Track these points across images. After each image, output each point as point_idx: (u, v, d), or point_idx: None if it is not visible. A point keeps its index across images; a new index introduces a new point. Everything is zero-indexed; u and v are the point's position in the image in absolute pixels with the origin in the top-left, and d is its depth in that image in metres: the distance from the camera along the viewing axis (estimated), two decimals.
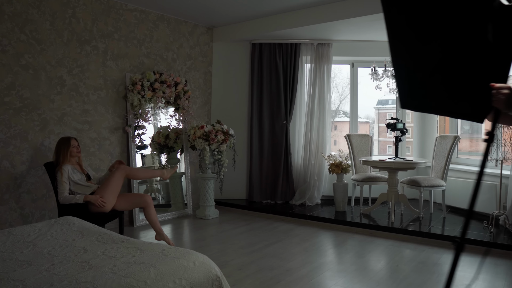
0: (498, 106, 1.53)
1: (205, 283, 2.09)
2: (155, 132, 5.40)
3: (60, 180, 3.64)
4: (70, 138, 3.83)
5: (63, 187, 3.64)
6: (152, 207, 3.93)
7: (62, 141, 3.81)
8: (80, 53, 4.45)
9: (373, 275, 3.41)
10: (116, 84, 4.83)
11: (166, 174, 4.18)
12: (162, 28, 5.38)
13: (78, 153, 3.86)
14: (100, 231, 2.70)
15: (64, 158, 3.74)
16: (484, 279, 3.29)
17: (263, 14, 5.38)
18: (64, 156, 3.74)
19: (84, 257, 2.21)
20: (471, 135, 6.09)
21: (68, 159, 3.76)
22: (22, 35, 3.95)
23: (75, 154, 3.82)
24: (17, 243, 2.47)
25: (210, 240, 4.44)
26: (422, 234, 4.37)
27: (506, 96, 1.48)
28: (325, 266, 3.62)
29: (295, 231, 4.75)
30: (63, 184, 3.64)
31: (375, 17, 4.73)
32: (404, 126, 5.03)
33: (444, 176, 5.05)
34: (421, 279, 3.29)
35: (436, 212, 5.26)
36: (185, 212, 5.56)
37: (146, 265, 2.05)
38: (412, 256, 3.90)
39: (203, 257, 2.24)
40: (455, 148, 5.09)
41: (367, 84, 5.72)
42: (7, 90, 3.86)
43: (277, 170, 5.96)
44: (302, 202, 5.84)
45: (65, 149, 3.76)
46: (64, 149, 3.76)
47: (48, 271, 2.00)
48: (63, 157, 3.73)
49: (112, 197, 3.74)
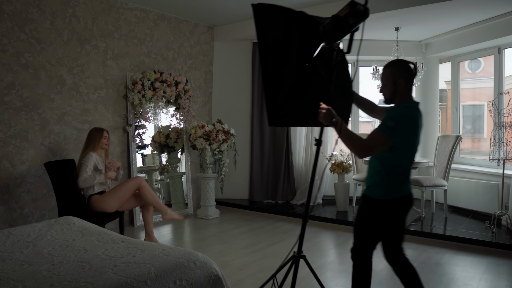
0: (320, 119, 2.24)
1: (206, 283, 2.08)
2: (155, 131, 5.39)
3: (85, 163, 3.71)
4: (103, 129, 3.93)
5: (85, 171, 3.69)
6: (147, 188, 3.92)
7: (96, 130, 3.90)
8: (80, 52, 4.43)
9: (375, 276, 3.37)
10: (116, 84, 4.82)
11: (169, 214, 4.12)
12: (163, 27, 5.36)
13: (107, 145, 3.93)
14: (100, 231, 2.69)
15: (94, 146, 3.82)
16: (487, 279, 3.27)
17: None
18: (94, 144, 3.82)
19: (84, 257, 2.20)
20: (473, 135, 6.07)
21: (97, 149, 3.83)
22: (22, 34, 3.94)
23: (104, 145, 3.90)
24: (17, 243, 2.46)
25: (210, 240, 4.42)
26: (424, 234, 4.34)
27: (324, 114, 2.21)
28: (327, 266, 3.60)
29: (296, 231, 4.73)
30: (87, 167, 3.70)
31: (377, 16, 4.71)
32: None
33: (446, 175, 5.03)
34: (423, 279, 3.20)
35: (438, 212, 5.23)
36: (186, 212, 5.54)
37: (147, 265, 2.03)
38: (413, 256, 3.87)
39: (203, 257, 2.22)
40: (457, 147, 5.06)
41: (369, 83, 5.70)
42: (7, 90, 3.85)
43: (278, 169, 5.94)
44: (303, 202, 5.82)
45: (97, 138, 3.85)
46: (97, 138, 3.85)
47: (48, 271, 1.99)
48: (92, 146, 3.82)
49: (117, 202, 3.77)
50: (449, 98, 6.16)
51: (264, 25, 2.37)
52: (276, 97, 2.36)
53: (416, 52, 6.07)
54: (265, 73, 2.37)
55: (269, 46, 2.37)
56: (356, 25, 2.10)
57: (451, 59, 5.99)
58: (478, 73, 5.97)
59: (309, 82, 2.42)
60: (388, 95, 2.27)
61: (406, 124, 2.13)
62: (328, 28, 2.13)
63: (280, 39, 2.40)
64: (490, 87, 5.39)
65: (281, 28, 2.41)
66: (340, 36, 2.16)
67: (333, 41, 2.20)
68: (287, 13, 2.45)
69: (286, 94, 2.37)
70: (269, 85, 2.36)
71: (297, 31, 2.44)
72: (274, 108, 2.37)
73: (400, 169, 2.23)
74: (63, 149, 4.29)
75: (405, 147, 2.19)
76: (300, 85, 2.40)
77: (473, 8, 4.54)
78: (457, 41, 5.55)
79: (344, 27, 2.09)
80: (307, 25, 2.46)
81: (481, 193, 5.02)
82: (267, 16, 2.39)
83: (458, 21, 5.09)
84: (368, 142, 2.17)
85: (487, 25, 4.99)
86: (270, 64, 2.36)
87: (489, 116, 5.38)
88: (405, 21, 5.00)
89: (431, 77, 6.18)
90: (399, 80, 2.21)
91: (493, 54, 5.32)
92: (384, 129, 2.12)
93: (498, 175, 4.73)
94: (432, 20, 5.01)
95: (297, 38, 2.43)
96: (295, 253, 2.41)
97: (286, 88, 2.38)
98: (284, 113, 2.40)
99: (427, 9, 4.45)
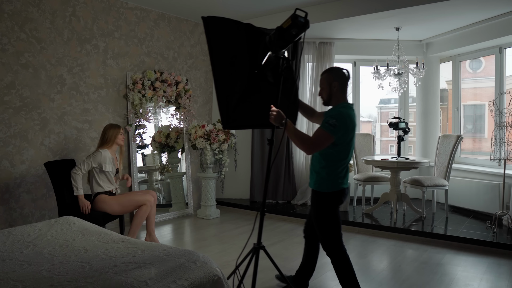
0: (271, 121, 2.49)
1: (206, 283, 2.07)
2: (156, 131, 5.38)
3: (89, 159, 3.70)
4: (119, 125, 3.93)
5: (84, 167, 3.68)
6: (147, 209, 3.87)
7: (112, 125, 3.90)
8: (80, 52, 4.42)
9: (375, 276, 3.38)
10: (116, 83, 4.81)
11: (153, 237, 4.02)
12: (163, 26, 5.36)
13: (122, 141, 3.93)
14: (101, 231, 2.68)
15: (108, 141, 3.81)
16: (488, 280, 3.26)
17: (264, 12, 5.35)
18: (109, 139, 3.81)
19: (84, 257, 2.19)
20: (474, 135, 6.05)
21: (111, 145, 3.83)
22: (22, 33, 3.93)
23: (120, 141, 3.89)
24: (17, 243, 2.45)
25: (211, 240, 4.41)
26: (425, 234, 4.33)
27: (275, 116, 2.46)
28: (327, 266, 3.59)
29: (296, 231, 4.72)
30: (88, 163, 3.69)
31: (378, 16, 4.70)
32: (407, 125, 5.00)
33: (447, 175, 5.02)
34: (424, 280, 3.26)
35: (438, 212, 5.22)
36: (186, 212, 5.53)
37: (147, 265, 2.02)
38: (414, 256, 3.87)
39: (204, 257, 2.21)
40: (458, 147, 5.05)
41: (369, 83, 5.69)
42: (7, 89, 3.84)
43: (279, 169, 5.93)
44: (303, 202, 5.81)
45: (113, 133, 3.84)
46: (113, 133, 3.84)
47: (48, 272, 1.98)
48: (107, 141, 3.81)
49: (120, 210, 3.78)
50: (450, 98, 6.15)
51: (215, 36, 2.56)
52: (228, 102, 2.59)
53: (417, 51, 6.06)
54: (217, 81, 2.58)
55: (220, 55, 2.57)
56: (298, 35, 2.35)
57: (452, 59, 5.98)
58: (479, 73, 5.96)
59: (258, 88, 2.64)
60: (326, 97, 2.65)
61: (345, 121, 2.48)
62: (274, 38, 2.37)
63: (230, 49, 2.60)
64: (491, 86, 5.38)
65: (231, 39, 2.60)
66: (285, 46, 2.41)
67: (278, 49, 2.44)
68: (236, 25, 2.63)
69: (238, 99, 2.60)
70: (221, 92, 2.58)
71: (246, 41, 2.61)
72: (227, 113, 2.60)
73: (342, 163, 2.58)
74: (63, 149, 4.28)
75: (344, 143, 2.53)
76: (250, 90, 2.62)
77: (474, 8, 4.53)
78: (458, 40, 5.54)
79: (288, 38, 2.33)
80: (254, 36, 2.63)
81: (482, 193, 5.01)
82: (217, 28, 2.58)
83: (459, 21, 5.08)
84: (314, 139, 2.49)
85: (488, 24, 4.98)
86: (221, 72, 2.57)
87: (490, 116, 5.38)
88: (406, 21, 4.99)
89: (432, 77, 6.17)
90: (333, 83, 2.59)
91: (494, 54, 5.32)
92: (327, 127, 2.45)
93: (499, 175, 4.72)
94: (433, 20, 5.00)
95: (246, 48, 2.61)
96: (255, 244, 2.62)
97: (238, 94, 2.60)
98: (236, 117, 2.64)
99: (428, 9, 4.44)
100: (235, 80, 2.59)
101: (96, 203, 3.72)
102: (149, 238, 3.93)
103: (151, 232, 3.96)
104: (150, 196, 3.93)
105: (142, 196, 3.87)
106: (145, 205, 3.84)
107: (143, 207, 3.83)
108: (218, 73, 2.57)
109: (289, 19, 2.26)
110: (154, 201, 3.94)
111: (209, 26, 2.55)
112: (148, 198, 3.87)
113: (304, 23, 2.27)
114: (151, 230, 3.96)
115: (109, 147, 3.83)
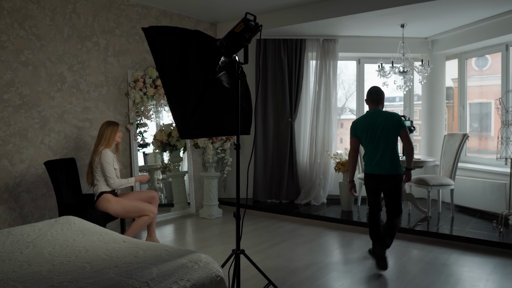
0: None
1: (208, 284, 2.08)
2: (157, 130, 5.33)
3: (109, 162, 3.65)
4: (117, 122, 3.86)
5: (112, 171, 3.64)
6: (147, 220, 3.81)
7: (110, 123, 3.83)
8: (80, 49, 4.38)
9: (380, 276, 3.34)
10: (117, 81, 4.77)
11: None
12: (165, 23, 5.30)
13: (120, 138, 3.88)
14: (101, 231, 2.67)
15: (108, 140, 3.75)
16: (494, 280, 3.21)
17: (267, 9, 5.30)
18: (109, 138, 3.75)
19: (85, 258, 2.18)
20: (480, 133, 5.99)
21: (111, 144, 3.77)
22: (22, 31, 3.89)
23: (118, 138, 3.84)
24: (17, 243, 2.44)
25: (213, 240, 4.37)
26: (430, 234, 4.28)
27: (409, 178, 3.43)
28: (331, 267, 3.55)
29: (300, 231, 4.68)
30: (112, 167, 3.65)
31: (382, 13, 4.65)
32: (412, 124, 4.95)
33: (452, 175, 4.96)
34: (429, 280, 3.22)
35: (444, 212, 5.16)
36: (188, 211, 5.49)
37: (148, 266, 2.01)
38: (420, 256, 3.82)
39: (206, 258, 2.20)
40: (463, 146, 5.00)
41: (374, 81, 5.63)
42: (6, 87, 3.80)
43: (282, 169, 5.88)
44: (307, 201, 5.76)
45: (112, 131, 3.77)
46: (112, 131, 3.77)
47: (49, 272, 1.97)
48: (107, 140, 3.74)
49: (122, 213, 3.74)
50: (455, 96, 6.09)
51: (159, 46, 2.51)
52: (184, 112, 2.57)
53: (422, 49, 6.00)
54: (168, 91, 2.54)
55: (168, 65, 2.54)
56: (251, 39, 2.41)
57: (457, 56, 5.92)
58: (485, 71, 5.89)
59: (213, 94, 2.63)
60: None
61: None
62: (226, 43, 2.40)
63: (177, 57, 2.56)
64: (497, 84, 5.32)
65: (177, 47, 2.55)
66: (238, 49, 2.46)
67: (232, 54, 2.48)
68: (181, 32, 2.59)
69: (193, 108, 2.58)
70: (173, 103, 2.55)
71: (195, 47, 2.58)
72: (183, 122, 2.58)
73: None
74: (64, 148, 4.24)
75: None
76: (206, 98, 2.61)
77: (480, 5, 4.47)
78: (463, 38, 5.47)
79: (241, 41, 2.40)
80: (203, 42, 2.60)
81: (488, 193, 4.95)
82: (161, 37, 2.53)
83: (465, 18, 5.01)
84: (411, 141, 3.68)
85: (494, 21, 4.91)
86: (172, 82, 2.54)
87: (496, 114, 5.31)
88: (411, 18, 4.94)
89: (438, 75, 6.11)
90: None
91: (500, 51, 5.25)
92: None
93: (506, 174, 4.66)
94: (438, 17, 4.94)
95: (196, 54, 2.58)
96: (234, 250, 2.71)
97: (192, 103, 2.58)
98: (193, 126, 2.62)
99: (433, 6, 4.38)
100: (187, 89, 2.58)
101: (100, 202, 3.68)
102: (149, 238, 3.89)
103: (151, 233, 3.91)
104: (155, 208, 3.88)
105: (147, 206, 3.81)
106: (147, 216, 3.78)
107: (145, 217, 3.78)
108: (169, 84, 2.54)
109: (242, 23, 2.32)
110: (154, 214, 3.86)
111: (153, 37, 2.50)
112: (153, 210, 3.82)
113: (256, 27, 2.35)
114: (152, 231, 3.91)
115: (109, 146, 3.79)
